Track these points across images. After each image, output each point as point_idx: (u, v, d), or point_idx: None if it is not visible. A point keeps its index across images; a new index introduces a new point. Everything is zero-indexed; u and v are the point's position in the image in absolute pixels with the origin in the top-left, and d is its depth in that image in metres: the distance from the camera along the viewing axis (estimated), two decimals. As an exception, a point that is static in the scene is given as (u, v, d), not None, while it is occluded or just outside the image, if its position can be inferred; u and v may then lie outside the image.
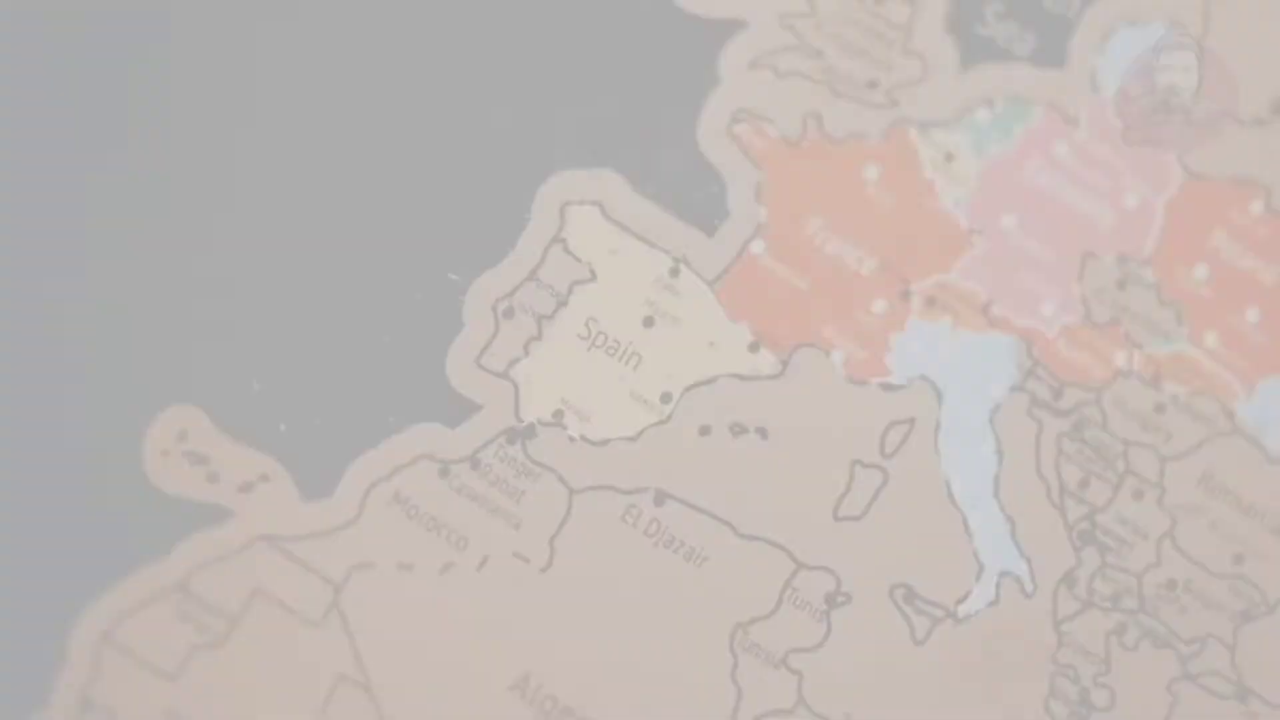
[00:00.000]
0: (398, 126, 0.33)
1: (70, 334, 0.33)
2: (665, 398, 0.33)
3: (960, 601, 0.32)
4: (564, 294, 0.33)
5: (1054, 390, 0.33)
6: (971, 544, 0.32)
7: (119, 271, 0.33)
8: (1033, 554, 0.33)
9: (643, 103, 0.33)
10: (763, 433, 0.32)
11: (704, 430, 0.32)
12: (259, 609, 0.32)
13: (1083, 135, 0.33)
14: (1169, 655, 0.33)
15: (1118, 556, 0.33)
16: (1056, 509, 0.33)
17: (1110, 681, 0.33)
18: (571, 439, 0.33)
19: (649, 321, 0.33)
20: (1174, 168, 0.33)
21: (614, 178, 0.33)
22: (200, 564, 0.32)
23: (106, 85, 0.33)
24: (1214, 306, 0.33)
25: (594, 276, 0.33)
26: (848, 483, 0.32)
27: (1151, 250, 0.33)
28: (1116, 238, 0.33)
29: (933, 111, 0.33)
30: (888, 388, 0.33)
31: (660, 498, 0.32)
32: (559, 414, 0.33)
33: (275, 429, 0.32)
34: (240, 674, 0.32)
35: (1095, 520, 0.33)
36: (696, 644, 0.32)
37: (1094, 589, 0.33)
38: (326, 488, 0.32)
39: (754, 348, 0.33)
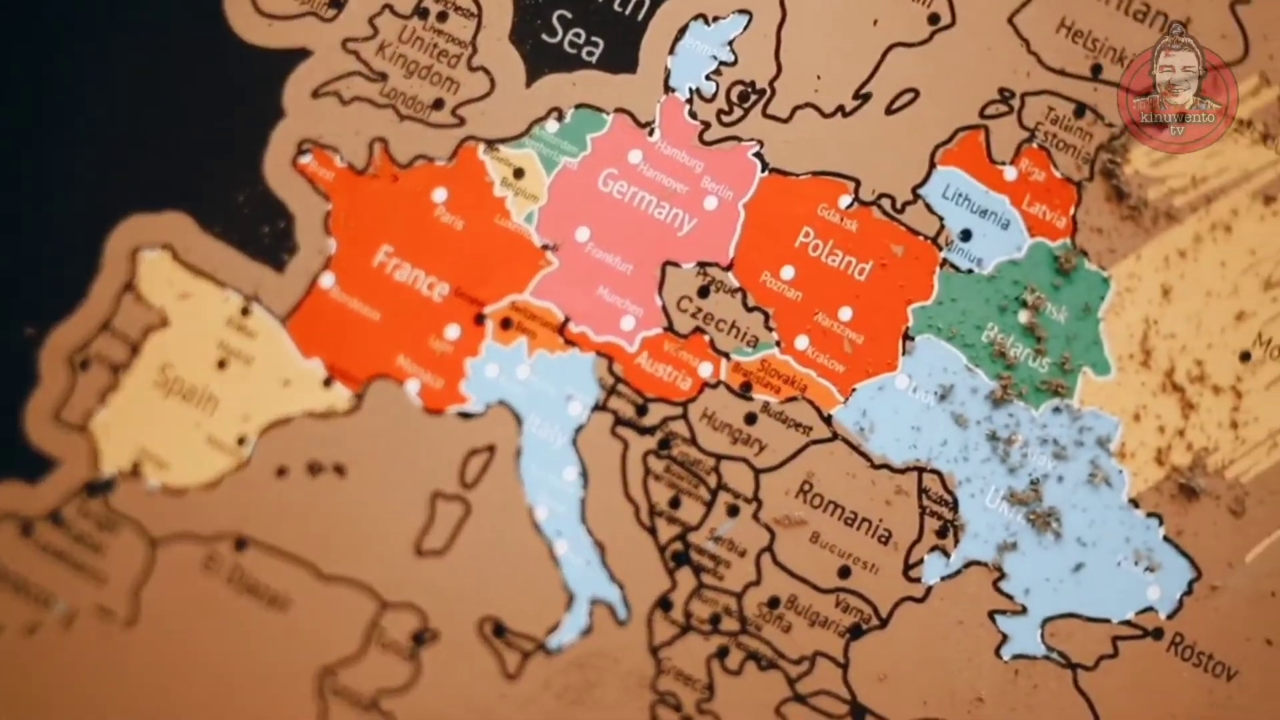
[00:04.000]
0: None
1: None
2: (242, 440, 0.30)
3: (551, 632, 0.29)
4: (138, 342, 0.30)
5: (638, 407, 0.29)
6: (560, 572, 0.29)
7: None
8: (625, 579, 0.29)
9: (208, 140, 0.30)
10: (340, 470, 0.29)
11: (281, 471, 0.29)
12: None
13: (657, 139, 0.30)
14: (776, 677, 0.29)
15: (715, 576, 0.29)
16: (647, 531, 0.29)
17: (715, 708, 0.29)
18: (151, 489, 0.30)
19: (223, 364, 0.30)
20: (754, 166, 0.30)
21: (183, 219, 0.30)
22: None
23: None
24: (804, 308, 0.29)
25: (166, 322, 0.30)
26: (429, 516, 0.29)
27: (734, 254, 0.30)
28: (697, 244, 0.30)
29: (500, 127, 0.30)
30: (465, 416, 0.29)
31: (241, 543, 0.29)
32: (138, 465, 0.30)
33: None
34: None
35: (689, 540, 0.29)
36: (284, 691, 0.29)
37: (691, 612, 0.29)
38: (-83, 553, 0.30)
39: (328, 383, 0.30)
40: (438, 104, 0.30)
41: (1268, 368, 0.30)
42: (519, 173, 0.30)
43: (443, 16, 0.31)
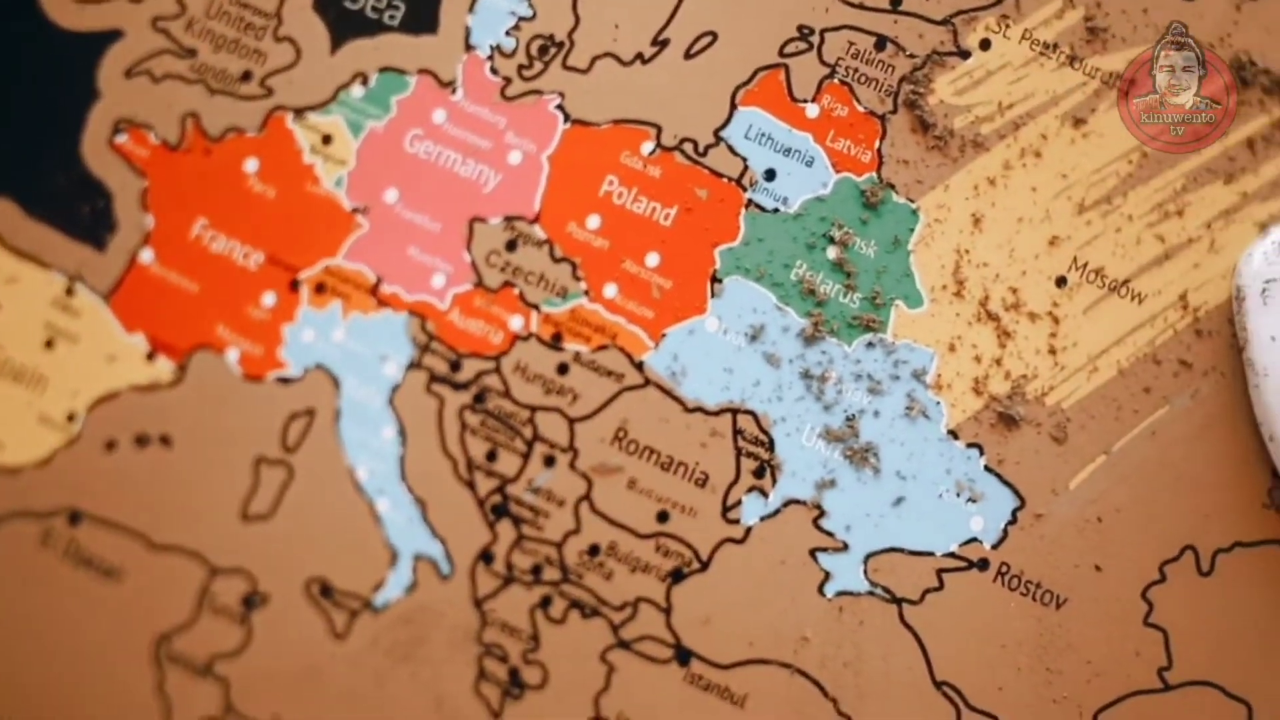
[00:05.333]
0: None
1: None
2: (72, 417, 0.30)
3: (376, 590, 0.29)
4: (-31, 326, 0.30)
5: (452, 363, 0.29)
6: (382, 530, 0.29)
7: None
8: (447, 534, 0.29)
9: (29, 125, 0.30)
10: (166, 440, 0.30)
11: (110, 445, 0.30)
12: None
13: (460, 98, 0.30)
14: (600, 624, 0.29)
15: (535, 527, 0.29)
16: (466, 485, 0.29)
17: (541, 658, 0.29)
18: (-14, 469, 0.30)
19: (50, 343, 0.30)
20: (556, 119, 0.29)
21: (7, 205, 0.30)
22: None
23: None
24: (611, 256, 0.29)
25: (-4, 305, 0.30)
26: (253, 481, 0.29)
27: (540, 207, 0.29)
28: (503, 199, 0.30)
29: (307, 95, 0.30)
30: (284, 381, 0.29)
31: (75, 517, 0.30)
32: (-26, 445, 0.30)
33: None
34: None
35: (507, 492, 0.29)
36: (121, 660, 0.29)
37: (513, 563, 0.29)
38: None
39: (151, 357, 0.30)
40: (246, 76, 0.31)
41: (1084, 291, 0.29)
42: (327, 139, 0.30)
43: (248, -10, 0.31)
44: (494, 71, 0.30)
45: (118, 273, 0.30)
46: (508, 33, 0.30)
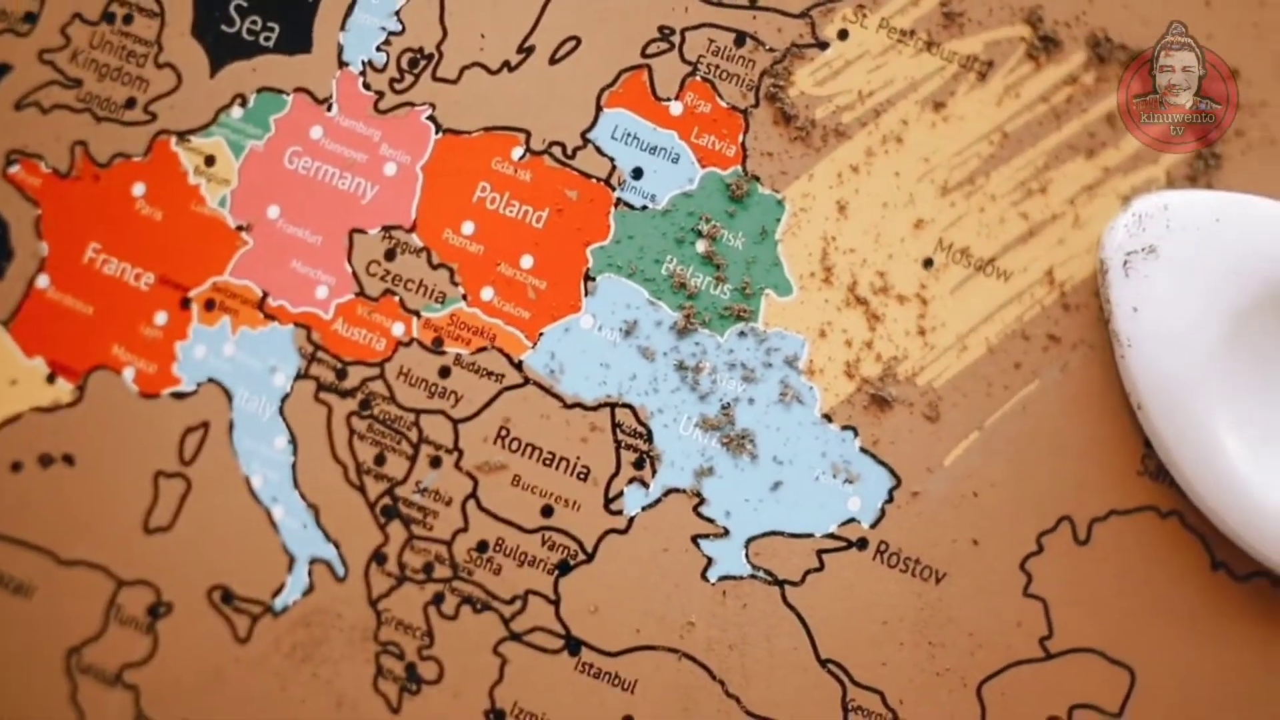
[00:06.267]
0: None
1: None
2: (-21, 441, 0.31)
3: (276, 594, 0.30)
4: (-121, 357, 0.31)
5: (338, 371, 0.30)
6: (279, 536, 0.30)
7: None
8: (340, 537, 0.30)
9: (-73, 162, 0.31)
10: (70, 459, 0.31)
11: (16, 466, 0.31)
12: None
13: (335, 114, 0.30)
14: (491, 618, 0.30)
15: (424, 527, 0.30)
16: (357, 489, 0.30)
17: (436, 653, 0.30)
18: (-99, 494, 0.31)
19: (-44, 370, 0.31)
20: (428, 129, 0.30)
21: (-90, 238, 0.31)
22: None
23: None
24: (486, 260, 0.30)
25: (-97, 336, 0.31)
26: (154, 495, 0.30)
27: (416, 216, 0.30)
28: (380, 210, 0.30)
29: (189, 119, 0.31)
30: (179, 396, 0.30)
31: (-14, 537, 0.31)
32: (-112, 472, 0.31)
33: None
34: None
35: (396, 494, 0.30)
36: (35, 674, 0.30)
37: (405, 563, 0.30)
38: None
39: (51, 379, 0.31)
40: (130, 103, 0.31)
41: (951, 272, 0.30)
42: (210, 160, 0.31)
43: (128, 19, 0.32)
44: (367, 86, 0.31)
45: (16, 300, 0.31)
46: (378, 48, 0.31)
